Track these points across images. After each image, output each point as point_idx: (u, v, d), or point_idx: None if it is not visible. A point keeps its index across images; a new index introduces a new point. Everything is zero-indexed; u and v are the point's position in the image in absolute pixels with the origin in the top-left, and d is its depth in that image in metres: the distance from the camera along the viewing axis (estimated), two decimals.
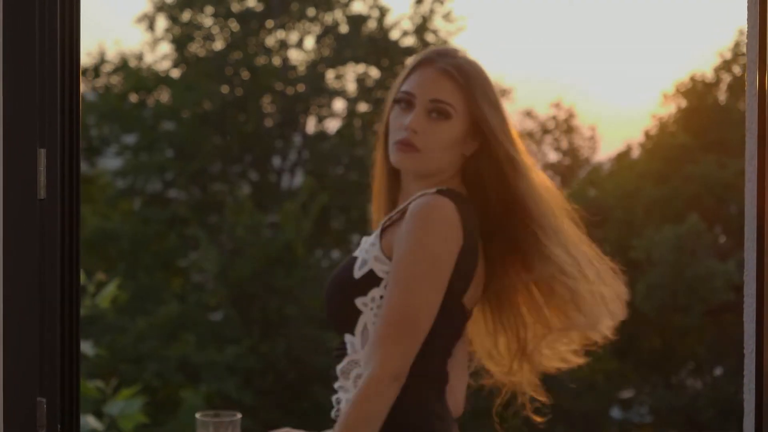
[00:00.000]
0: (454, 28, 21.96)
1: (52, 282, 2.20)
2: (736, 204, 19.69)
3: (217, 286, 19.10)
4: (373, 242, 2.29)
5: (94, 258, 19.13)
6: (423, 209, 2.19)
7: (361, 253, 2.30)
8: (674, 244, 18.04)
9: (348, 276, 2.28)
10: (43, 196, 2.22)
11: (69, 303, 2.25)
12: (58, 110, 2.22)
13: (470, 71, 2.27)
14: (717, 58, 20.77)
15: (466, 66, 2.27)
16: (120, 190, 21.34)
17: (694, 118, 20.35)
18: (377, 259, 2.25)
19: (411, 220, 2.20)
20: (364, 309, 2.26)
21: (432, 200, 2.20)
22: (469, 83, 2.25)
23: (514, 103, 29.75)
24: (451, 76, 2.25)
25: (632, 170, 20.77)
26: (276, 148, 21.65)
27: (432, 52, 2.30)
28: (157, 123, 21.38)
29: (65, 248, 2.24)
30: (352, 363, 2.29)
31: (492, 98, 2.28)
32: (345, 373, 2.30)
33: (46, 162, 2.20)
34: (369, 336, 2.25)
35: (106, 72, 21.79)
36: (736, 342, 15.81)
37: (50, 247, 2.20)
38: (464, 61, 2.29)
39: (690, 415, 18.95)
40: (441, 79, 2.26)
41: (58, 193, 2.22)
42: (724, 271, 17.99)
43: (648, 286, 18.33)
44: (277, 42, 21.55)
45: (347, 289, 2.27)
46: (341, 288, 2.29)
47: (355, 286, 2.26)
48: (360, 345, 2.28)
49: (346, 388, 2.29)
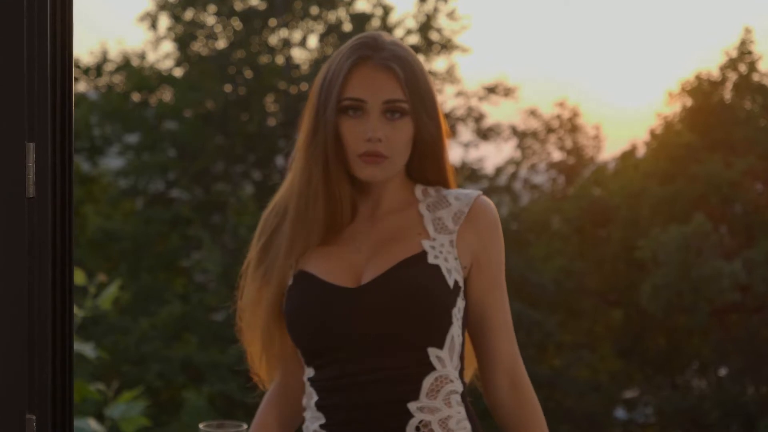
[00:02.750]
0: (459, 26, 21.96)
1: (42, 289, 2.01)
2: (741, 203, 19.64)
3: (219, 287, 19.11)
4: (449, 249, 2.19)
5: (96, 258, 19.12)
6: (496, 215, 2.24)
7: (440, 261, 2.17)
8: (680, 243, 17.99)
9: (442, 284, 2.14)
10: (32, 195, 2.03)
11: (61, 311, 2.07)
12: (49, 100, 2.04)
13: (406, 58, 2.18)
14: (723, 57, 20.70)
15: (401, 54, 2.18)
16: (122, 190, 21.38)
17: (699, 117, 20.30)
18: (456, 268, 2.17)
19: (495, 225, 2.23)
20: (454, 320, 2.15)
21: (492, 205, 2.26)
22: (408, 73, 2.17)
23: (519, 102, 29.82)
24: (392, 71, 2.15)
25: (637, 169, 20.74)
26: (279, 148, 21.65)
27: (363, 48, 2.18)
28: (160, 122, 21.40)
29: (57, 252, 2.05)
30: (443, 379, 2.14)
31: (425, 81, 2.20)
32: (434, 391, 2.12)
33: (36, 157, 2.02)
34: (456, 348, 2.16)
35: (108, 71, 21.81)
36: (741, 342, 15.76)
37: (40, 251, 2.02)
38: (397, 49, 2.19)
39: (695, 415, 18.92)
40: (385, 76, 2.15)
41: (49, 192, 2.03)
42: (731, 272, 17.94)
43: (653, 286, 18.28)
44: (280, 41, 21.55)
45: (444, 298, 2.14)
46: (439, 298, 2.13)
47: (449, 296, 2.14)
48: (449, 359, 2.15)
49: (435, 408, 2.12)
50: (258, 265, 2.25)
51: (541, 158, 23.39)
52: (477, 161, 22.47)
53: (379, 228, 2.21)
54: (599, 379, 19.89)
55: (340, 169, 2.18)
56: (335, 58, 2.21)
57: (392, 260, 2.15)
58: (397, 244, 2.18)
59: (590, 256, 20.29)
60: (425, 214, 2.22)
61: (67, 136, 2.11)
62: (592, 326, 20.75)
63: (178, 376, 18.20)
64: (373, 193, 2.22)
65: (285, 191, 2.25)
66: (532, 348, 18.89)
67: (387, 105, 2.15)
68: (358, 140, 2.15)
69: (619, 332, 20.51)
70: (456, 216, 2.22)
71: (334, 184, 2.18)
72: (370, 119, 2.15)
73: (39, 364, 2.01)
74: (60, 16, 2.08)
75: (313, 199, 2.18)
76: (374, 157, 2.14)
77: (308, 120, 2.22)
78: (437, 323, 2.12)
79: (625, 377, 20.38)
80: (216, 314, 19.73)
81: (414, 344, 2.12)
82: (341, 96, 2.16)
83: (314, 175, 2.18)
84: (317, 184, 2.17)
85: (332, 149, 2.17)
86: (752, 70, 20.51)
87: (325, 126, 2.17)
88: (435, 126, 2.21)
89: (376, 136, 2.13)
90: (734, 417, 18.84)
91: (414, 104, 2.17)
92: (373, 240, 2.20)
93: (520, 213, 22.02)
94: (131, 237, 19.96)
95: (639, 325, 20.02)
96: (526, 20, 32.59)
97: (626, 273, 20.03)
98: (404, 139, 2.17)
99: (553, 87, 34.99)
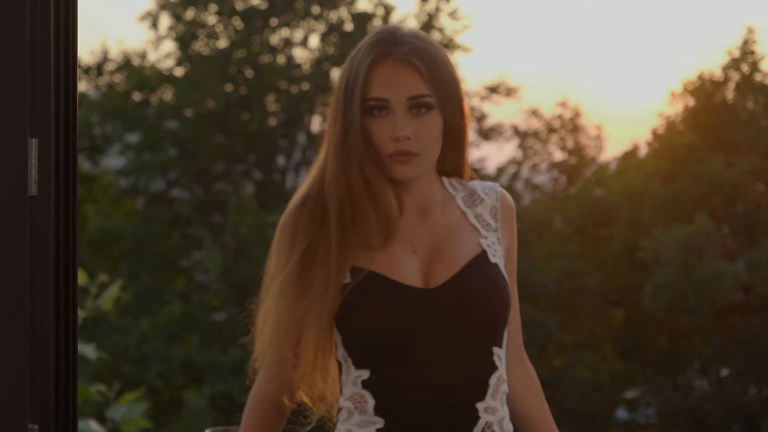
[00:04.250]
0: (460, 26, 21.94)
1: (44, 292, 1.92)
2: (744, 203, 19.62)
3: (220, 286, 19.11)
4: (497, 247, 2.21)
5: (96, 258, 19.12)
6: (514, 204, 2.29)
7: (497, 259, 2.18)
8: (682, 244, 17.98)
9: (505, 283, 2.16)
10: (34, 193, 1.94)
11: (65, 316, 1.98)
12: (52, 94, 1.94)
13: (426, 50, 2.15)
14: (725, 57, 20.69)
15: (420, 46, 2.15)
16: (123, 189, 21.40)
17: (701, 117, 20.29)
18: (503, 264, 2.20)
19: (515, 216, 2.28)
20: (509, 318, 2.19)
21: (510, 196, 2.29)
22: (429, 65, 2.14)
23: (520, 102, 29.81)
24: (413, 65, 2.12)
25: (639, 170, 20.73)
26: (280, 148, 21.66)
27: (381, 44, 2.14)
28: (161, 122, 21.41)
29: (60, 253, 1.96)
30: (502, 379, 2.14)
31: (448, 70, 2.18)
32: (496, 391, 2.13)
33: (38, 154, 1.93)
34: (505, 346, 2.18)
35: (109, 70, 21.82)
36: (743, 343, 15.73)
37: (42, 252, 1.92)
38: (416, 42, 2.15)
39: (696, 415, 18.91)
40: (406, 72, 2.12)
41: (52, 190, 1.94)
42: (733, 272, 17.93)
43: (656, 287, 18.27)
44: (281, 40, 21.53)
45: (508, 296, 2.16)
46: (506, 297, 2.16)
47: (509, 293, 2.18)
48: (505, 357, 2.17)
49: (495, 409, 2.13)
50: (302, 272, 2.16)
51: (542, 158, 23.39)
52: (478, 161, 22.44)
53: (429, 225, 2.18)
54: (600, 379, 19.88)
55: (377, 170, 2.14)
56: (354, 57, 2.17)
57: (458, 261, 2.14)
58: (455, 244, 2.17)
59: (592, 257, 20.28)
60: (466, 210, 2.22)
61: (71, 132, 2.02)
62: (593, 326, 20.74)
63: (178, 377, 18.20)
64: (413, 187, 2.19)
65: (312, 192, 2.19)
66: (533, 348, 18.85)
67: (411, 101, 2.12)
68: (386, 140, 2.11)
69: (621, 332, 20.50)
70: (492, 212, 2.23)
71: (375, 187, 2.14)
72: (396, 117, 2.11)
73: (42, 371, 1.93)
74: (64, 8, 2.01)
75: (359, 205, 2.13)
76: (404, 156, 2.12)
77: (334, 122, 2.16)
78: (503, 322, 2.14)
79: (626, 377, 20.38)
80: (217, 314, 19.72)
81: (484, 344, 2.12)
82: (364, 97, 2.12)
83: (353, 180, 2.14)
84: (359, 189, 2.13)
85: (364, 152, 2.13)
86: (754, 70, 20.50)
87: (353, 129, 2.13)
88: (460, 115, 2.20)
89: (404, 134, 2.11)
90: (736, 417, 18.85)
91: (439, 96, 2.14)
92: (428, 238, 2.17)
93: (522, 213, 21.96)
94: (132, 237, 19.96)
95: (640, 325, 20.01)
96: (528, 20, 32.59)
97: (628, 273, 20.02)
98: (433, 134, 2.14)
99: (555, 87, 35.01)
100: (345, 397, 2.13)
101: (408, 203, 2.18)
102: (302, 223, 2.18)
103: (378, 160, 2.13)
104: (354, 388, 2.12)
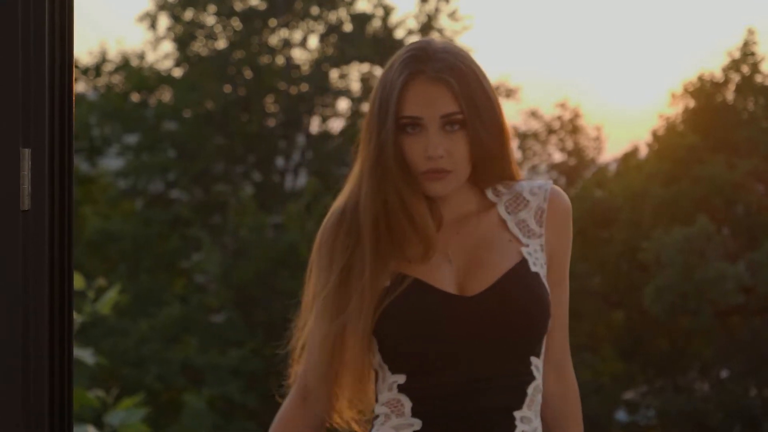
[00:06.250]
0: (460, 26, 21.93)
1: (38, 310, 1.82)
2: (745, 205, 19.60)
3: (220, 288, 19.09)
4: (540, 254, 2.20)
5: (94, 260, 19.10)
6: (570, 205, 2.23)
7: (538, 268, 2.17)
8: (683, 245, 17.94)
9: (545, 292, 2.15)
10: (27, 207, 1.82)
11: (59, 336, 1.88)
12: (47, 102, 1.85)
13: (459, 66, 2.14)
14: (725, 58, 20.65)
15: (452, 62, 2.14)
16: (121, 190, 21.41)
17: (702, 118, 20.25)
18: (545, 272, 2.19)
19: (569, 218, 2.23)
20: None
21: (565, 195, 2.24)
22: (462, 83, 2.13)
23: (520, 103, 29.77)
24: (446, 83, 2.12)
25: (639, 171, 20.70)
26: (279, 149, 21.65)
27: (414, 61, 2.14)
28: (159, 123, 21.42)
29: (55, 270, 1.85)
30: (538, 389, 2.15)
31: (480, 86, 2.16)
32: (532, 401, 2.14)
33: (32, 165, 1.82)
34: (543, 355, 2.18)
35: (107, 71, 21.82)
36: (744, 344, 15.64)
37: (36, 268, 1.81)
38: (449, 57, 2.14)
39: (697, 417, 18.89)
40: (439, 90, 2.12)
41: (47, 203, 1.83)
42: (734, 273, 17.89)
43: (656, 288, 18.24)
44: (280, 41, 21.52)
45: (548, 306, 2.15)
46: (546, 306, 2.15)
47: (550, 303, 2.17)
48: (542, 368, 2.17)
49: (529, 419, 2.14)
50: (340, 288, 2.16)
51: (542, 159, 23.37)
52: None
53: (464, 235, 2.19)
54: (601, 380, 19.84)
55: (411, 188, 2.15)
56: (388, 73, 2.18)
57: (494, 271, 2.14)
58: (492, 254, 2.17)
59: (592, 258, 20.23)
60: (507, 217, 2.21)
61: (66, 142, 1.93)
62: (593, 328, 20.70)
63: (177, 379, 18.16)
64: (447, 200, 2.19)
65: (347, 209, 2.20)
66: None
67: (444, 119, 2.12)
68: (419, 158, 2.12)
69: (621, 334, 20.47)
70: (537, 215, 2.21)
71: (410, 206, 2.15)
72: (429, 135, 2.12)
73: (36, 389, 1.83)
74: (59, 11, 1.93)
75: (396, 224, 2.14)
76: (437, 173, 2.12)
77: (369, 140, 2.17)
78: (542, 332, 2.15)
79: (627, 379, 20.35)
80: (216, 315, 19.71)
81: (522, 353, 2.13)
82: (398, 115, 2.12)
83: (389, 197, 2.15)
84: (395, 209, 2.14)
85: (398, 170, 2.14)
86: (755, 71, 20.46)
87: (387, 148, 2.14)
88: (493, 130, 2.16)
89: (437, 153, 2.11)
90: (737, 419, 18.82)
91: (470, 113, 2.12)
92: (461, 248, 2.17)
93: None
94: (130, 238, 19.95)
95: (641, 326, 19.98)
96: (528, 21, 32.57)
97: (628, 275, 19.99)
98: (466, 150, 2.14)
99: (555, 88, 34.99)
100: (381, 403, 2.15)
101: (443, 216, 2.20)
102: (339, 240, 2.20)
103: (412, 178, 2.14)
104: (390, 394, 2.13)
